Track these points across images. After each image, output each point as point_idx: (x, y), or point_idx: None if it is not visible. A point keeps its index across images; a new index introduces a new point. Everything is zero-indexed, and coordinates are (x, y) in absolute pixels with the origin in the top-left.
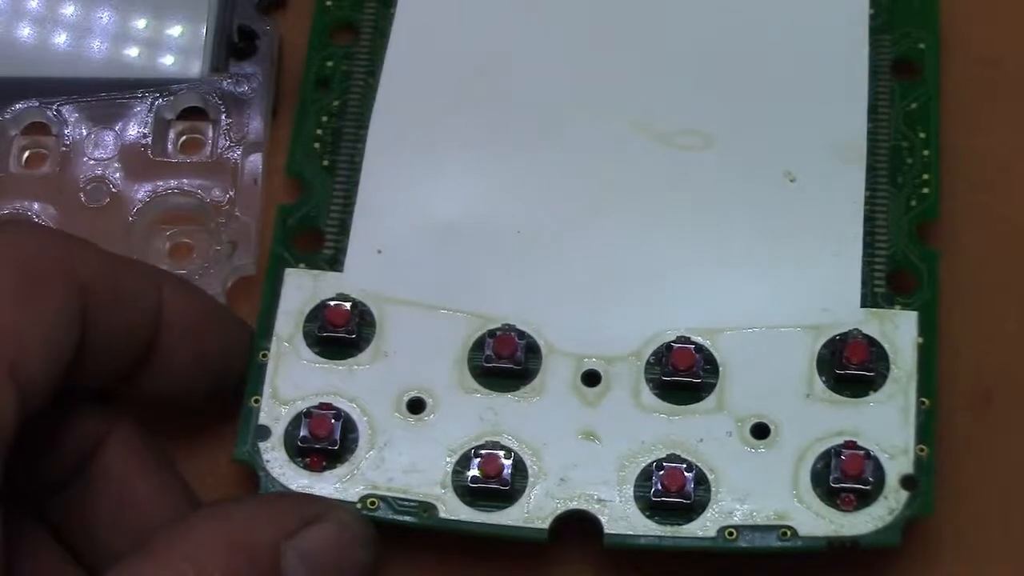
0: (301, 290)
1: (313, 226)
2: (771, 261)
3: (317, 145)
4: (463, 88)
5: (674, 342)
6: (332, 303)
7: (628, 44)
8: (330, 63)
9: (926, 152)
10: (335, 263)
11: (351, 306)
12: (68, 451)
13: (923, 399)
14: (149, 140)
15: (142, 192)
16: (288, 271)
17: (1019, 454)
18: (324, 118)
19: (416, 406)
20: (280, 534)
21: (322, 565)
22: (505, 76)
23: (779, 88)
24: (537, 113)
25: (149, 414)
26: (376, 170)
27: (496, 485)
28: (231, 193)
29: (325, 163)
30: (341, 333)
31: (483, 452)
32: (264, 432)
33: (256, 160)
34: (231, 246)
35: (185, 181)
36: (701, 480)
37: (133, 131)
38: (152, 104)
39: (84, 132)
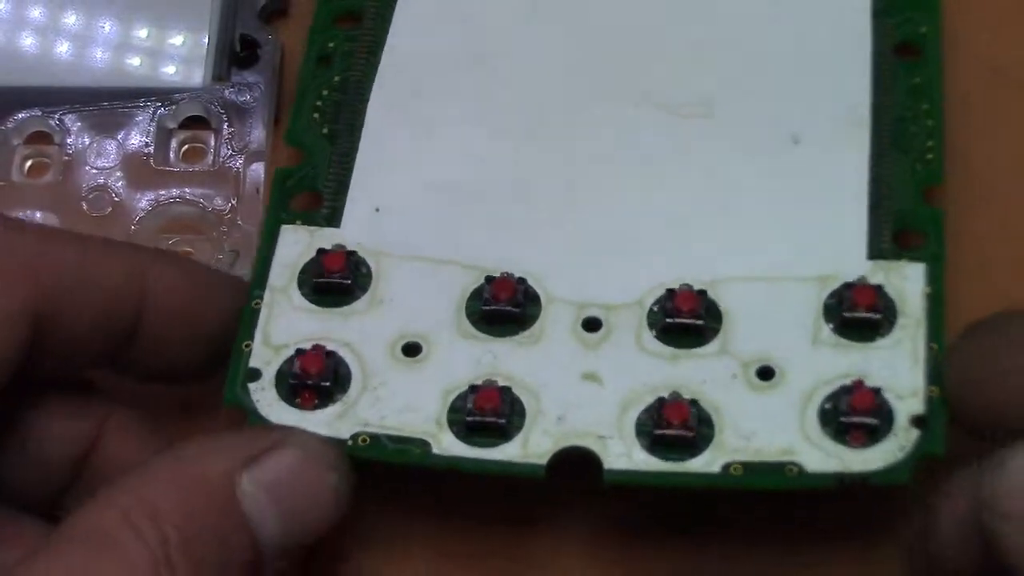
0: (298, 244)
1: (311, 188)
2: (776, 215)
3: (317, 116)
4: (465, 53)
5: (677, 289)
6: (329, 251)
7: (633, 13)
8: (332, 44)
9: (930, 122)
10: (332, 220)
11: (348, 254)
12: (63, 451)
13: (933, 344)
14: (151, 149)
15: (144, 201)
16: (284, 227)
17: None
18: (325, 91)
19: (412, 350)
20: (233, 464)
21: (287, 491)
22: (507, 42)
23: (784, 61)
24: (538, 76)
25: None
26: (375, 128)
27: (492, 418)
28: (233, 202)
29: (325, 131)
30: (337, 279)
31: (480, 388)
32: (255, 374)
33: (258, 169)
34: (233, 255)
35: (187, 190)
36: (705, 419)
37: (135, 140)
38: (154, 113)
39: (86, 141)
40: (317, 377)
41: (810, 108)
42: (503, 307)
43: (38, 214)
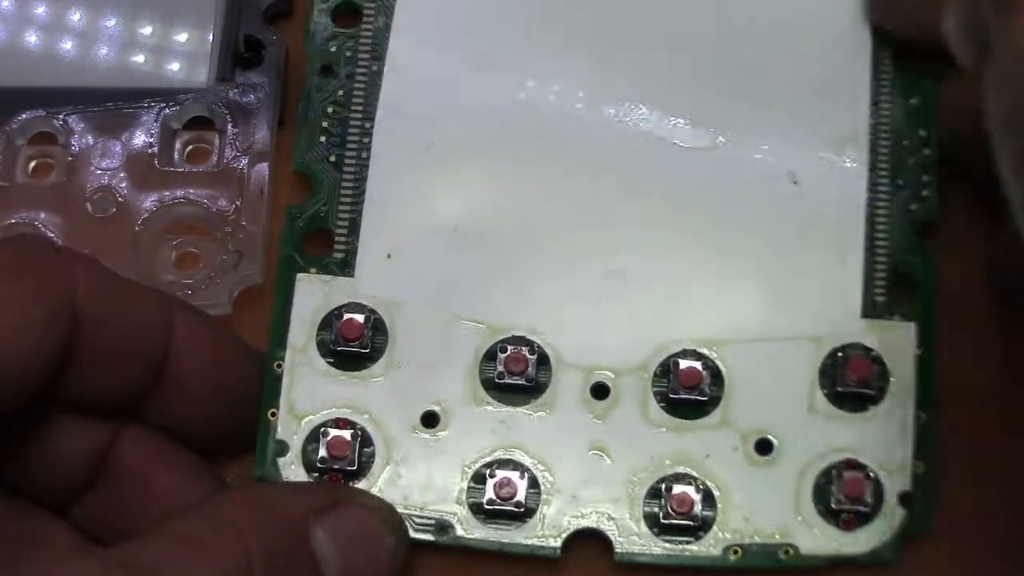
0: (313, 296)
1: (323, 227)
2: (775, 271)
3: (323, 139)
4: (466, 84)
5: (680, 356)
6: (345, 316)
7: (633, 43)
8: (333, 48)
9: (927, 151)
10: (346, 267)
11: (364, 318)
12: (80, 455)
13: (920, 412)
14: (156, 150)
15: (148, 202)
16: (300, 276)
17: (1018, 467)
18: (330, 109)
19: (430, 420)
20: (309, 511)
21: (350, 543)
22: (509, 74)
23: (782, 83)
24: (544, 112)
25: None
26: (383, 172)
27: (511, 507)
28: (237, 203)
29: (332, 159)
30: (355, 347)
31: (498, 472)
32: (283, 448)
33: (262, 169)
34: (237, 255)
35: (191, 191)
36: (708, 496)
37: (139, 141)
38: (158, 114)
39: (90, 142)
40: (344, 461)
41: (809, 139)
42: (516, 380)
43: (42, 214)
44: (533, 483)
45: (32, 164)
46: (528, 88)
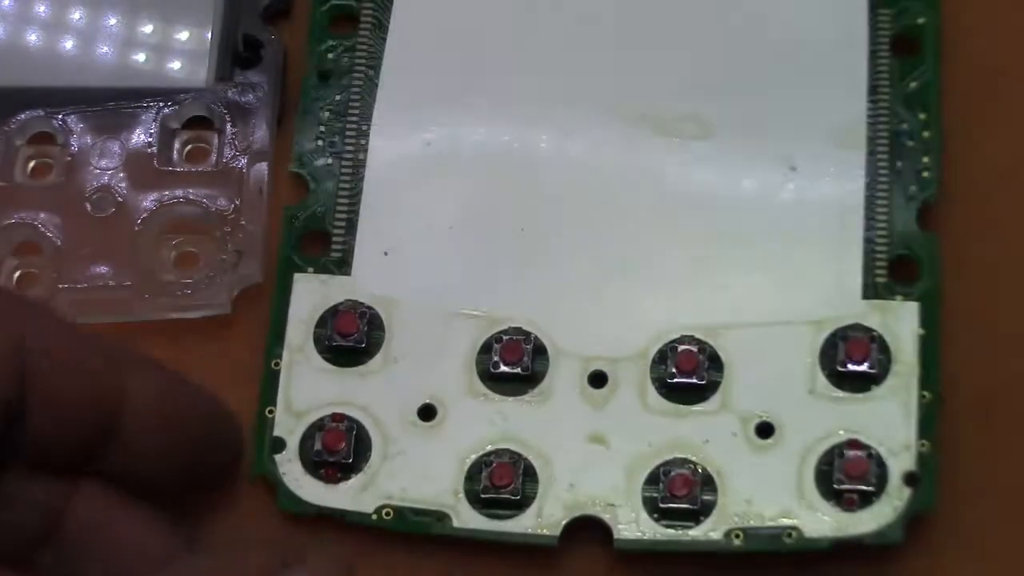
0: (311, 295)
1: (320, 228)
2: (773, 255)
3: (320, 142)
4: (463, 83)
5: (678, 342)
6: (341, 312)
7: (627, 32)
8: (331, 55)
9: (926, 134)
10: (343, 265)
11: (360, 314)
12: (33, 509)
13: (924, 392)
14: (155, 149)
15: (148, 201)
16: (297, 276)
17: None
18: (326, 114)
19: (427, 412)
20: (264, 571)
21: None
22: (505, 69)
23: (778, 71)
24: (539, 105)
25: None
26: (380, 173)
27: (508, 494)
28: (237, 202)
29: (329, 161)
30: (351, 343)
31: (494, 462)
32: (279, 444)
33: (261, 169)
34: (237, 255)
35: (191, 190)
36: (708, 481)
37: (139, 140)
38: (157, 113)
39: (90, 141)
40: (340, 454)
41: (805, 126)
42: (512, 370)
43: (41, 215)
44: (531, 472)
45: (31, 164)
46: (524, 85)
